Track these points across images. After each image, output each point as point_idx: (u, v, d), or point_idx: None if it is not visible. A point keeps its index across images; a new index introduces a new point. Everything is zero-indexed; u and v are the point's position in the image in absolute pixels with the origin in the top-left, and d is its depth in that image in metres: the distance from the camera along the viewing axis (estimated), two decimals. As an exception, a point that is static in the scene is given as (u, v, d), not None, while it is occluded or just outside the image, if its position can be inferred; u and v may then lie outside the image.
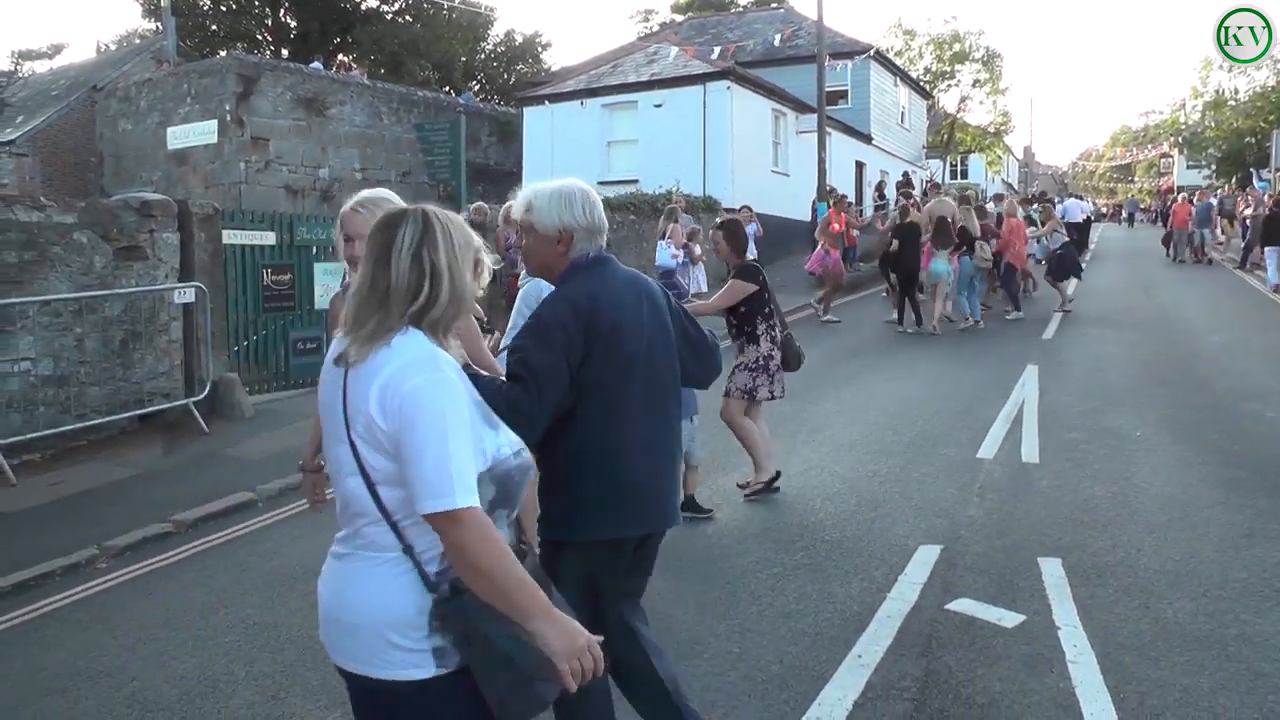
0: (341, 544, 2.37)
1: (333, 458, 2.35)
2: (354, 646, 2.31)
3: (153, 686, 4.73)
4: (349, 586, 2.32)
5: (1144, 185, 70.55)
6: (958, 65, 45.71)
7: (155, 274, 10.06)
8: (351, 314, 2.31)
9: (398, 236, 2.30)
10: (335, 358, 2.34)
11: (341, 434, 2.28)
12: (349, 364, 2.27)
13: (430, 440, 2.16)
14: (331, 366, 2.36)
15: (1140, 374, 11.85)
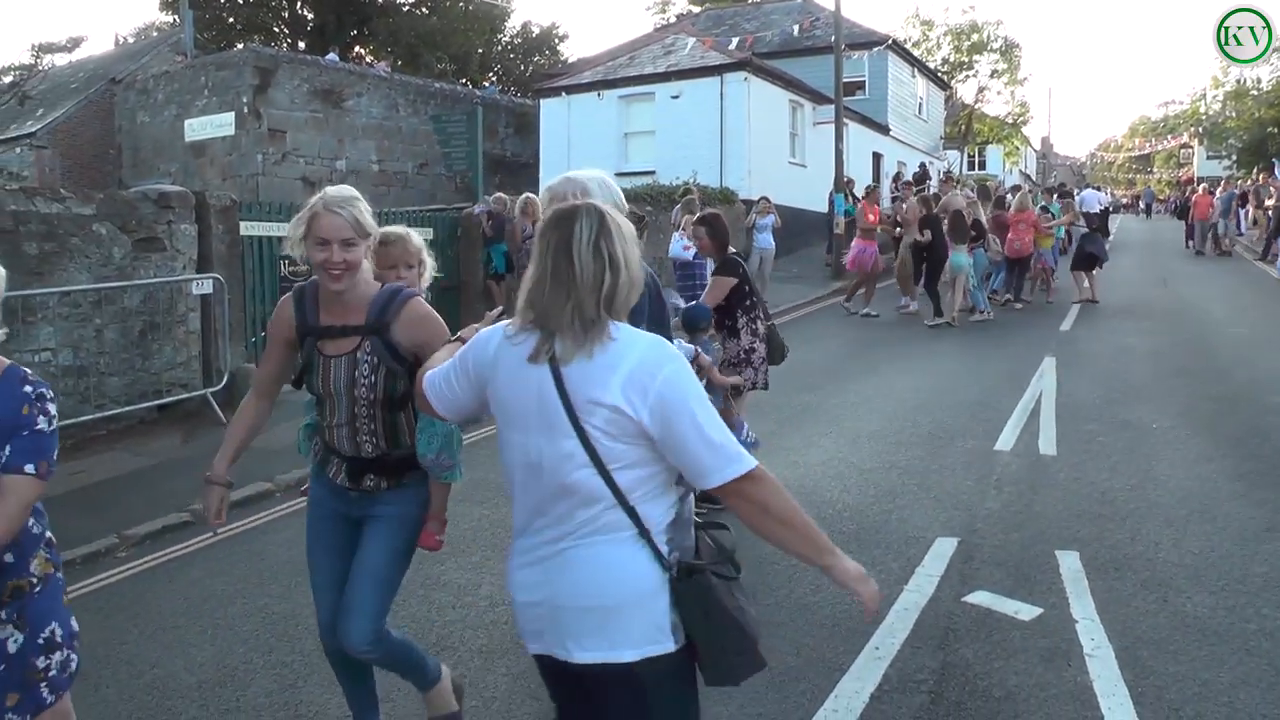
0: (557, 539, 2.41)
1: (542, 452, 2.38)
2: (602, 631, 2.36)
3: (172, 674, 4.76)
4: (592, 571, 2.38)
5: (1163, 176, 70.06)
6: (975, 56, 45.49)
7: (173, 265, 10.10)
8: (540, 308, 2.38)
9: (576, 230, 2.38)
10: (532, 355, 2.37)
11: (565, 428, 2.33)
12: (562, 362, 2.34)
13: (701, 420, 2.31)
14: (524, 364, 2.39)
15: (1159, 366, 11.79)
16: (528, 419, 2.40)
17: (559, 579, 2.40)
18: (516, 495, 2.50)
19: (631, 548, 2.38)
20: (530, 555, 2.46)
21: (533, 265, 2.44)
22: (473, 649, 4.92)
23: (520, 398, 2.41)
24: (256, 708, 4.40)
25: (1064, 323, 15.34)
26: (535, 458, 2.40)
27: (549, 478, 2.39)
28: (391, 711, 4.16)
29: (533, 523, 2.46)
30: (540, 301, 2.38)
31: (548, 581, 2.42)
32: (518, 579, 2.50)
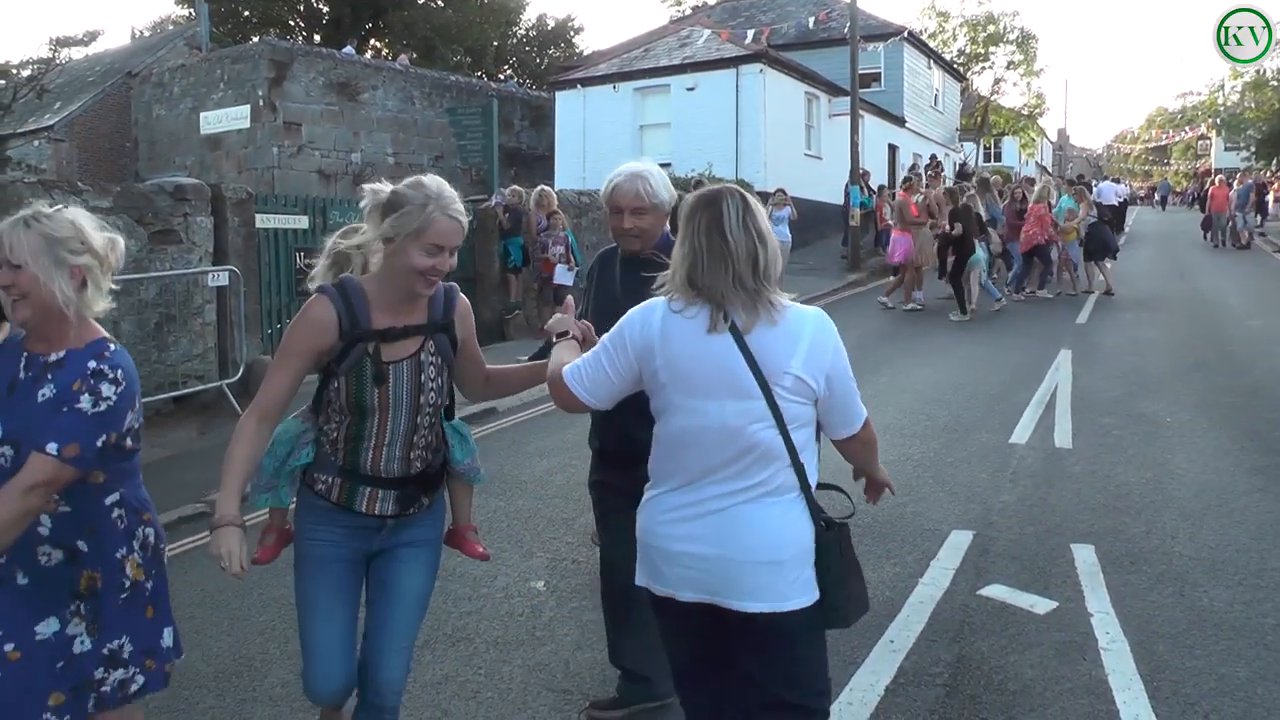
0: (725, 493, 2.65)
1: (725, 414, 2.61)
2: (772, 583, 2.64)
3: (189, 664, 4.77)
4: (766, 527, 2.65)
5: (1180, 168, 69.62)
6: (992, 47, 45.34)
7: (189, 257, 10.14)
8: (704, 283, 2.62)
9: (724, 210, 2.65)
10: (710, 326, 2.61)
11: (754, 392, 2.60)
12: (744, 331, 2.60)
13: (853, 382, 2.79)
14: (703, 335, 2.62)
15: (1176, 358, 11.73)
16: (711, 385, 2.62)
17: (732, 535, 2.64)
18: (680, 456, 2.70)
19: (797, 507, 2.69)
20: (697, 509, 2.67)
21: (682, 244, 2.68)
22: (489, 640, 4.93)
23: (703, 366, 2.62)
24: (274, 698, 4.42)
25: (1080, 315, 15.28)
26: (717, 420, 2.62)
27: (732, 438, 2.62)
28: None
29: (699, 480, 2.67)
30: (701, 277, 2.62)
31: (719, 536, 2.65)
32: (680, 531, 2.69)
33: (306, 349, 3.01)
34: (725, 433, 2.62)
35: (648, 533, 2.78)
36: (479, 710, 4.22)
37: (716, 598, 2.66)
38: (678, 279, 2.67)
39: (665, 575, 2.74)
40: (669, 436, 2.73)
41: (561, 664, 4.64)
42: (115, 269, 2.86)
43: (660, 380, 2.68)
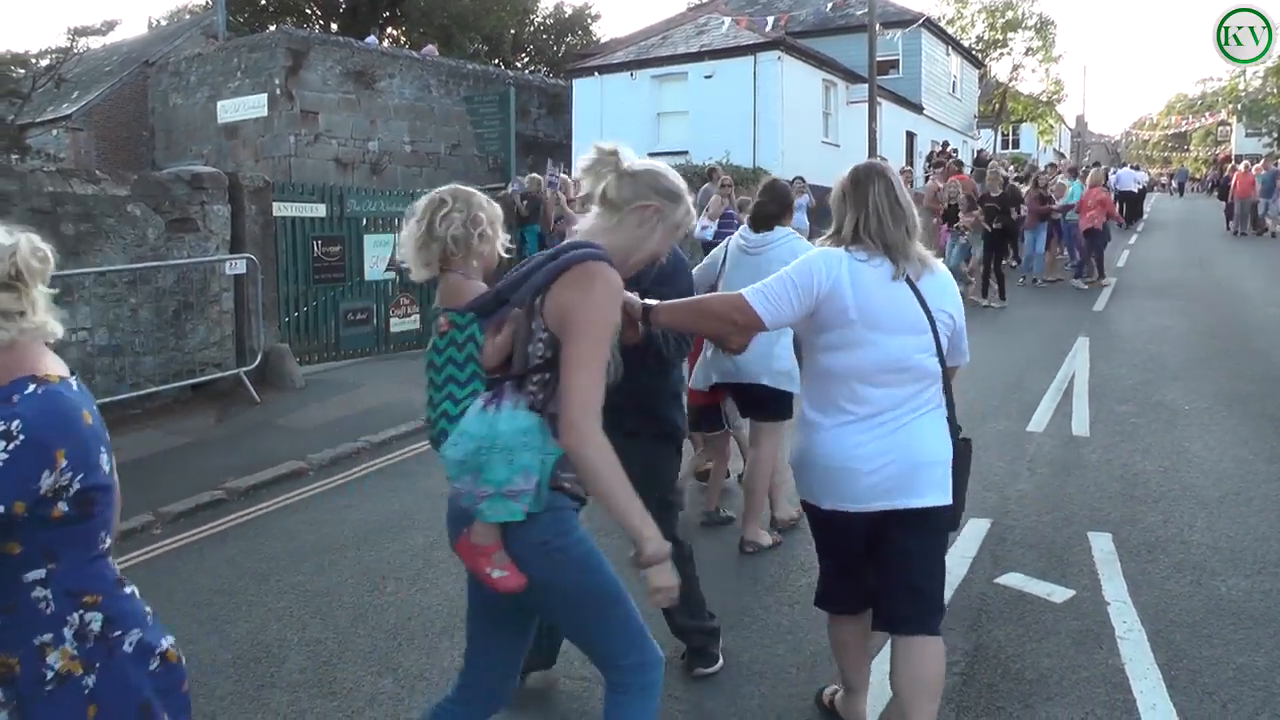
0: (897, 414, 3.21)
1: (906, 347, 3.19)
2: (932, 482, 3.22)
3: (208, 650, 4.82)
4: (930, 437, 3.25)
5: (1200, 154, 69.06)
6: (1010, 33, 45.04)
7: (207, 245, 10.18)
8: (887, 239, 3.19)
9: (892, 181, 3.29)
10: (895, 275, 3.18)
11: (925, 327, 3.21)
12: (916, 279, 3.21)
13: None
14: (889, 281, 3.17)
15: (1195, 346, 11.66)
16: (895, 322, 3.17)
17: (900, 442, 3.19)
18: (862, 386, 3.21)
19: (943, 419, 3.31)
20: (883, 429, 3.20)
21: (854, 209, 3.26)
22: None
23: (891, 306, 3.17)
24: (292, 684, 4.45)
25: (1097, 303, 15.20)
26: (899, 352, 3.18)
27: (909, 366, 3.19)
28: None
29: (883, 403, 3.20)
30: (885, 234, 3.19)
31: (896, 442, 3.19)
32: (868, 450, 3.19)
33: (616, 321, 2.66)
34: (907, 361, 3.19)
35: (845, 456, 3.23)
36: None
37: (895, 500, 3.21)
38: (861, 231, 3.22)
39: (854, 493, 3.23)
40: (851, 368, 3.21)
41: (579, 650, 4.64)
42: (44, 276, 2.26)
43: (850, 316, 3.16)
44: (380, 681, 4.43)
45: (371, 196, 13.04)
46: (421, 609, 5.21)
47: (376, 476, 7.84)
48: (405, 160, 24.69)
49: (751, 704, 4.07)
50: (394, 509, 6.91)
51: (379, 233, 12.26)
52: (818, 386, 3.32)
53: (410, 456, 8.21)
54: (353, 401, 10.00)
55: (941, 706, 3.99)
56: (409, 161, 24.73)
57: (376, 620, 5.11)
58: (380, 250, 12.19)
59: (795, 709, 4.05)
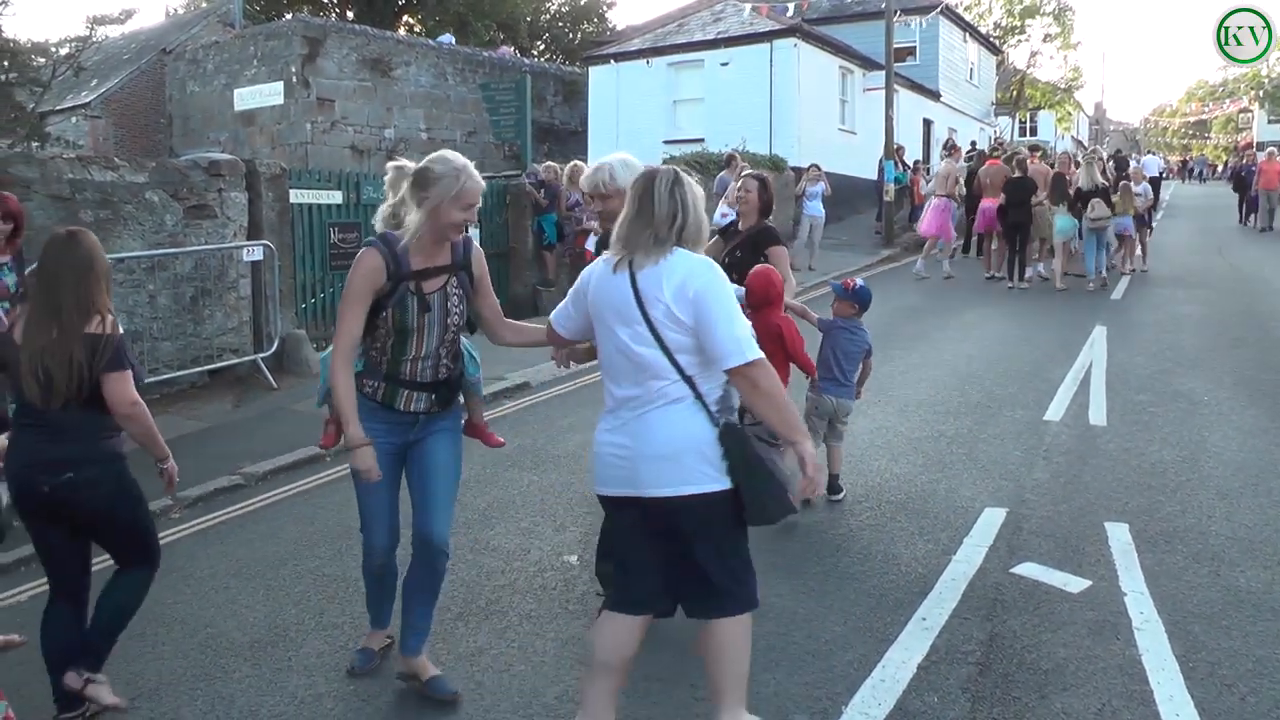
0: (634, 405, 3.29)
1: (616, 336, 3.30)
2: (674, 472, 3.22)
3: (225, 634, 4.85)
4: (663, 428, 3.25)
5: (1220, 141, 68.54)
6: (1028, 20, 44.66)
7: (224, 232, 10.22)
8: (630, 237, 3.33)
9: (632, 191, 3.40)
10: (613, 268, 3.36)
11: (634, 316, 3.25)
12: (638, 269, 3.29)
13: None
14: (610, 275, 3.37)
15: (1214, 335, 11.59)
16: (608, 313, 3.37)
17: (632, 435, 3.28)
18: (606, 378, 3.43)
19: (690, 410, 3.25)
20: (621, 420, 3.33)
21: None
22: (522, 614, 4.96)
23: (605, 297, 3.40)
24: (308, 668, 4.47)
25: (1115, 291, 15.12)
26: (618, 341, 3.33)
27: (630, 355, 3.30)
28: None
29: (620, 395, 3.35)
30: (625, 232, 3.37)
31: (628, 435, 3.29)
32: (611, 439, 3.35)
33: (364, 290, 3.82)
34: (621, 349, 3.31)
35: (596, 444, 3.45)
36: (512, 683, 4.25)
37: (640, 489, 3.28)
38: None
39: (601, 476, 3.44)
40: (600, 361, 3.48)
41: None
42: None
43: (590, 312, 3.47)
44: (397, 666, 4.44)
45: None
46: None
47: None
48: (421, 147, 24.63)
49: (767, 691, 4.08)
50: (410, 495, 6.92)
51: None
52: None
53: (426, 443, 8.22)
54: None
55: (957, 695, 4.00)
56: (425, 149, 24.53)
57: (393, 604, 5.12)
58: (397, 237, 12.21)
59: (811, 696, 4.05)
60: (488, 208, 13.84)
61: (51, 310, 3.78)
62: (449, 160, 3.87)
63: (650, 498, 3.26)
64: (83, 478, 3.80)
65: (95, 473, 3.85)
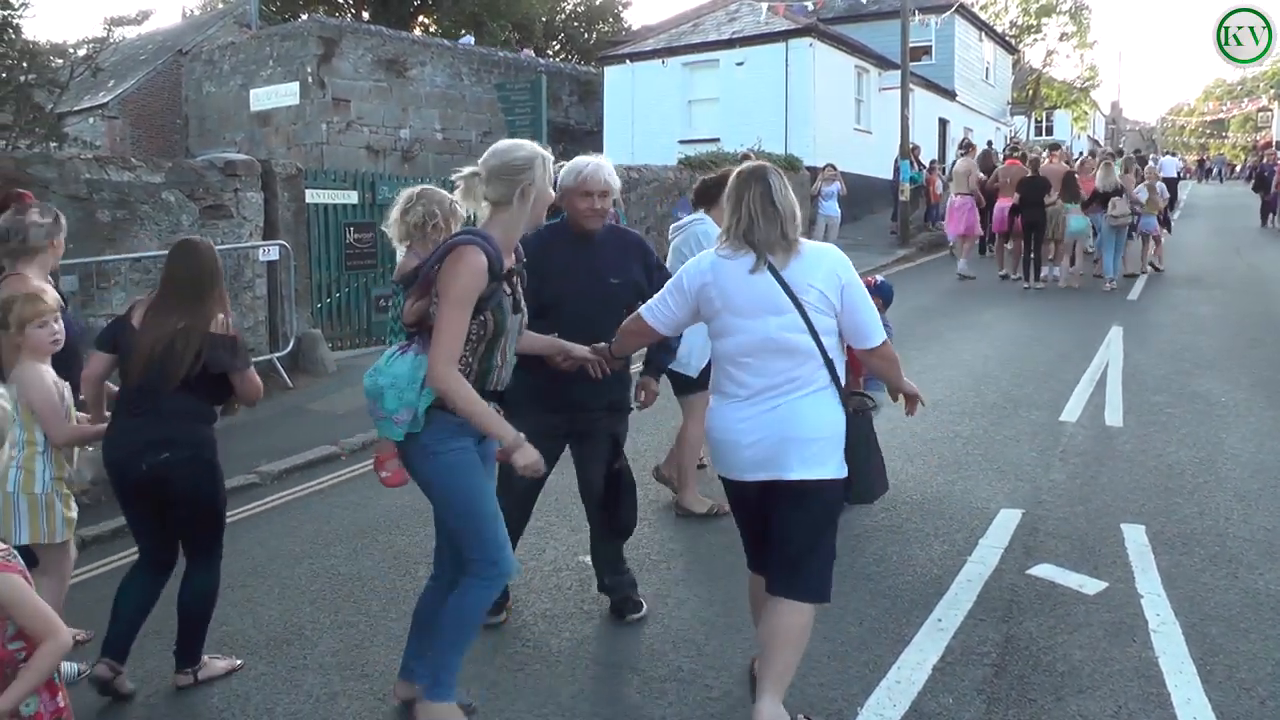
0: (778, 392, 3.51)
1: (764, 327, 3.49)
2: (814, 456, 3.48)
3: (241, 631, 4.87)
4: (811, 414, 3.50)
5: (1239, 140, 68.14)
6: (1044, 18, 44.60)
7: (240, 232, 10.25)
8: (762, 239, 3.51)
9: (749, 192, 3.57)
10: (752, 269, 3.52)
11: (786, 307, 3.47)
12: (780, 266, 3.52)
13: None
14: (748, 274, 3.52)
15: (1231, 336, 11.53)
16: (754, 307, 3.56)
17: (776, 418, 3.49)
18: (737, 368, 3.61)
19: (829, 396, 3.54)
20: (760, 407, 3.52)
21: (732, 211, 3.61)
22: (537, 613, 4.97)
23: (749, 293, 3.57)
24: (324, 666, 4.49)
25: (1131, 292, 15.06)
26: (764, 332, 3.53)
27: (778, 343, 3.53)
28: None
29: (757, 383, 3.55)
30: (754, 234, 3.54)
31: (773, 419, 3.49)
32: (746, 425, 3.53)
33: (476, 292, 3.45)
34: (769, 340, 3.50)
35: (722, 431, 3.63)
36: (526, 682, 4.25)
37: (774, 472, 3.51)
38: (729, 232, 3.59)
39: (734, 462, 3.61)
40: (725, 351, 3.63)
41: (609, 637, 4.67)
42: None
43: (717, 307, 3.58)
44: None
45: (403, 184, 12.97)
46: (452, 594, 5.23)
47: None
48: (437, 148, 24.73)
49: (781, 692, 4.07)
50: (425, 495, 6.94)
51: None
52: (714, 369, 3.79)
53: (441, 443, 8.23)
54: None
55: (972, 697, 3.99)
56: (440, 149, 24.76)
57: (408, 604, 5.11)
58: (412, 237, 12.24)
59: (826, 698, 4.04)
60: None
61: (174, 305, 4.15)
62: (523, 144, 3.68)
63: (789, 481, 3.49)
64: (178, 458, 4.09)
65: (189, 455, 4.14)
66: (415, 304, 3.58)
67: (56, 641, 2.59)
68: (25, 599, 2.57)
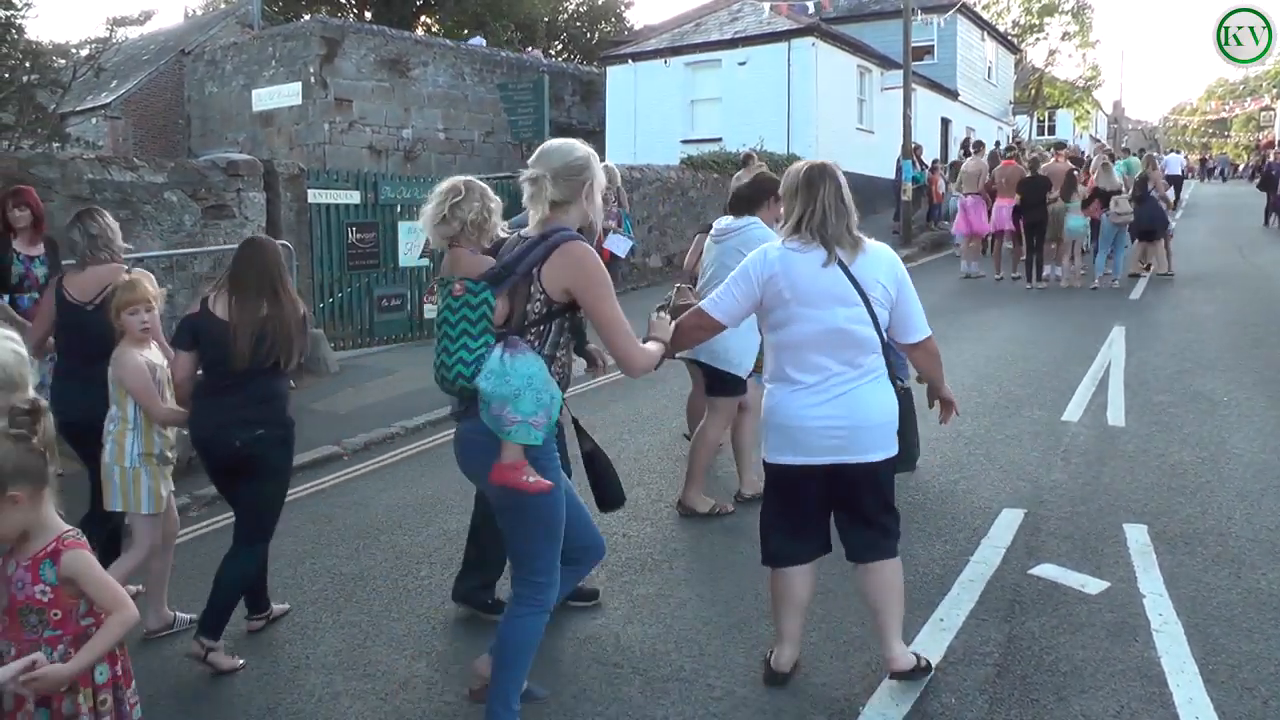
0: (843, 379, 3.78)
1: (832, 317, 3.74)
2: (880, 440, 3.84)
3: (243, 630, 4.87)
4: (873, 400, 3.81)
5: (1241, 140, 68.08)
6: (1046, 18, 44.60)
7: (242, 232, 10.24)
8: (834, 234, 3.76)
9: (824, 187, 3.82)
10: (824, 262, 3.77)
11: (854, 299, 3.74)
12: (848, 261, 3.78)
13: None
14: (820, 267, 3.76)
15: (1235, 335, 11.51)
16: (824, 297, 3.79)
17: (847, 406, 3.77)
18: (803, 355, 3.84)
19: (885, 383, 3.86)
20: (829, 393, 3.78)
21: (803, 204, 3.83)
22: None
23: (820, 285, 3.80)
24: (327, 665, 4.49)
25: (1134, 291, 15.04)
26: (831, 322, 3.79)
27: (844, 332, 3.80)
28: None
29: (824, 370, 3.82)
30: (827, 229, 3.79)
31: (847, 405, 3.77)
32: (818, 411, 3.78)
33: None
34: (836, 330, 3.76)
35: (789, 417, 3.85)
36: (530, 681, 4.25)
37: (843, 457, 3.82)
38: (799, 226, 3.82)
39: (810, 447, 3.83)
40: (789, 340, 3.85)
41: (612, 637, 4.66)
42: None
43: (786, 298, 3.78)
44: (414, 665, 4.46)
45: (405, 184, 13.08)
46: (455, 594, 5.24)
47: (410, 461, 7.89)
48: (439, 148, 24.74)
49: (785, 691, 4.07)
50: (427, 493, 6.95)
51: (413, 220, 12.26)
52: (772, 359, 3.98)
53: (444, 442, 8.23)
54: (386, 387, 10.05)
55: (975, 697, 3.99)
56: (443, 149, 24.78)
57: (410, 604, 5.15)
58: (414, 237, 12.24)
59: (829, 697, 4.04)
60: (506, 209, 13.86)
61: (254, 297, 4.47)
62: (575, 143, 3.82)
63: (858, 463, 3.82)
64: (271, 435, 4.52)
65: (280, 434, 4.60)
66: (511, 303, 3.48)
67: (124, 614, 2.76)
68: (93, 573, 2.74)
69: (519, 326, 3.44)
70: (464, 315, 3.45)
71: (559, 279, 3.42)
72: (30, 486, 2.66)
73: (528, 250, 3.47)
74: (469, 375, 3.41)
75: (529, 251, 3.46)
